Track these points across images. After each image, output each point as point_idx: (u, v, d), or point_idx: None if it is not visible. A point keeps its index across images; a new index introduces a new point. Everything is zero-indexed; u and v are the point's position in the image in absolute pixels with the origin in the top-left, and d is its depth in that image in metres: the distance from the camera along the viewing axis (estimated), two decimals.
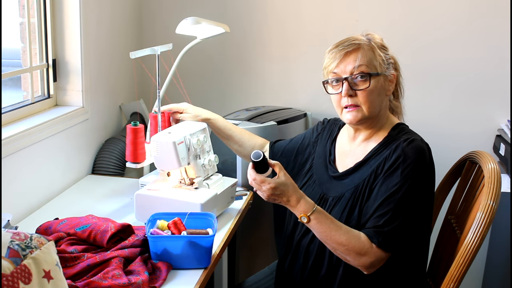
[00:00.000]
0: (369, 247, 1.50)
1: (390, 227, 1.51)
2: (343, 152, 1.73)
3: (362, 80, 1.59)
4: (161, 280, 1.47)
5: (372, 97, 1.60)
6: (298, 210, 1.54)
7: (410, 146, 1.55)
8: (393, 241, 1.51)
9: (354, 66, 1.58)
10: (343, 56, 1.60)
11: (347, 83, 1.59)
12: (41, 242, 1.07)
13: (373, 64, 1.60)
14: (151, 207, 1.75)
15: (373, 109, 1.61)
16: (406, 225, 1.52)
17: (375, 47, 1.62)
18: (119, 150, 2.37)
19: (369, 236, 1.51)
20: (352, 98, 1.60)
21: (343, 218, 1.58)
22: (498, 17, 2.48)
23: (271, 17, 2.67)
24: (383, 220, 1.51)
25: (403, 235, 1.52)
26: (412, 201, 1.53)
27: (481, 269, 2.48)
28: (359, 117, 1.61)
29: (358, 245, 1.50)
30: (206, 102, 2.76)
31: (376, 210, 1.53)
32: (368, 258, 1.51)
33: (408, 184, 1.52)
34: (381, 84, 1.62)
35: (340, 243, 1.51)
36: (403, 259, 1.59)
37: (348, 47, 1.60)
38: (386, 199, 1.53)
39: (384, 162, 1.57)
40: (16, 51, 2.12)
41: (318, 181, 1.73)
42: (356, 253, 1.50)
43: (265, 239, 2.44)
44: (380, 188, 1.55)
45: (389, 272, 1.58)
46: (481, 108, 2.57)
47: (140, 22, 2.77)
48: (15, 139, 1.83)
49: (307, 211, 1.53)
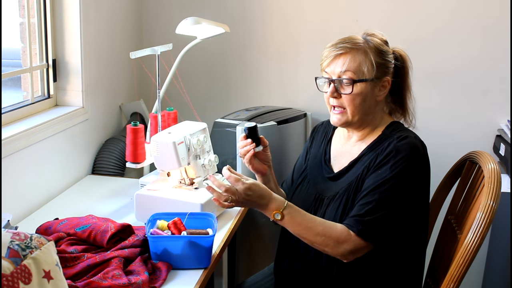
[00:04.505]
0: (347, 234, 1.51)
1: (372, 217, 1.51)
2: (338, 152, 1.73)
3: (347, 85, 1.59)
4: (161, 280, 1.47)
5: (356, 102, 1.60)
6: (270, 208, 1.54)
7: (403, 142, 1.56)
8: (373, 230, 1.51)
9: (341, 70, 1.59)
10: (334, 58, 1.60)
11: (333, 85, 1.60)
12: (41, 242, 1.07)
13: (361, 70, 1.58)
14: (151, 207, 1.75)
15: (357, 113, 1.61)
16: (390, 218, 1.52)
17: (368, 51, 1.59)
18: (119, 150, 2.37)
19: (349, 225, 1.52)
20: (337, 100, 1.62)
21: (337, 215, 1.58)
22: (498, 17, 2.47)
23: (271, 17, 2.67)
24: (366, 210, 1.52)
25: (386, 227, 1.52)
26: (400, 196, 1.53)
27: (481, 269, 2.48)
28: (343, 120, 1.63)
29: (335, 233, 1.51)
30: (206, 102, 2.76)
31: (360, 199, 1.54)
32: (346, 246, 1.51)
33: (397, 178, 1.52)
34: (368, 90, 1.60)
35: (317, 233, 1.51)
36: (398, 257, 1.59)
37: (339, 50, 1.60)
38: (372, 190, 1.53)
39: (376, 157, 1.58)
40: (16, 51, 2.12)
41: (312, 182, 1.73)
42: (334, 241, 1.51)
43: (265, 239, 2.44)
44: (369, 180, 1.56)
45: (386, 270, 1.58)
46: (481, 108, 2.57)
47: (140, 22, 2.77)
48: (15, 139, 1.83)
49: (279, 207, 1.54)
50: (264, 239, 2.45)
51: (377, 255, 1.55)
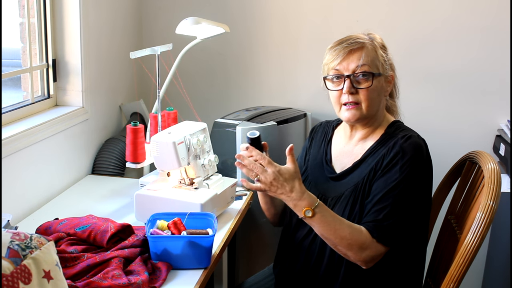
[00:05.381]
0: (371, 241, 1.51)
1: (390, 221, 1.51)
2: (340, 152, 1.73)
3: (364, 78, 1.60)
4: (161, 280, 1.47)
5: (372, 96, 1.61)
6: (301, 204, 1.52)
7: (408, 142, 1.56)
8: (392, 235, 1.51)
9: (358, 65, 1.59)
10: (347, 54, 1.61)
11: (349, 81, 1.60)
12: (41, 242, 1.07)
13: (375, 64, 1.61)
14: (151, 207, 1.75)
15: (372, 108, 1.62)
16: (405, 220, 1.53)
17: (377, 47, 1.63)
18: (119, 150, 2.37)
19: (369, 231, 1.51)
20: (353, 96, 1.61)
21: (344, 216, 1.58)
22: (498, 17, 2.47)
23: (271, 17, 2.67)
24: (383, 214, 1.52)
25: (402, 229, 1.53)
26: (411, 196, 1.54)
27: (481, 269, 2.48)
28: (358, 115, 1.62)
29: (360, 239, 1.50)
30: (206, 102, 2.76)
31: (375, 204, 1.54)
32: (369, 252, 1.51)
33: (407, 179, 1.53)
34: (381, 84, 1.63)
35: (344, 237, 1.50)
36: (402, 256, 1.59)
37: (353, 45, 1.61)
38: (386, 194, 1.53)
39: (383, 159, 1.58)
40: (16, 51, 2.12)
41: (314, 182, 1.73)
42: (358, 247, 1.50)
43: (265, 239, 2.44)
44: (379, 184, 1.55)
45: (388, 269, 1.58)
46: (481, 108, 2.57)
47: (140, 22, 2.77)
48: (15, 139, 1.83)
49: (311, 205, 1.52)
50: (264, 239, 2.44)
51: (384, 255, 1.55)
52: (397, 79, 1.72)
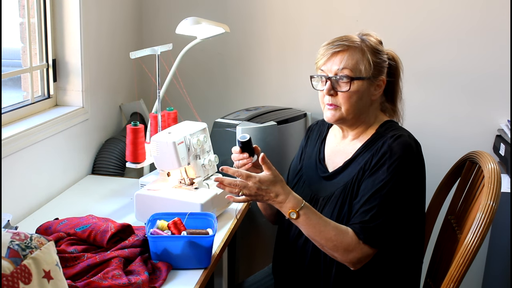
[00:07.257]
0: (356, 243, 1.50)
1: (376, 222, 1.50)
2: (333, 151, 1.73)
3: (344, 82, 1.59)
4: (161, 280, 1.47)
5: (352, 100, 1.59)
6: (286, 206, 1.52)
7: (397, 141, 1.55)
8: (379, 236, 1.51)
9: (339, 68, 1.59)
10: (331, 55, 1.60)
11: (329, 83, 1.60)
12: (41, 242, 1.07)
13: (358, 68, 1.59)
14: (151, 207, 1.75)
15: (352, 111, 1.61)
16: (393, 221, 1.52)
17: (365, 50, 1.60)
18: (119, 150, 2.37)
19: (356, 232, 1.51)
20: (332, 98, 1.61)
21: (333, 217, 1.58)
22: (498, 18, 2.48)
23: (271, 17, 2.67)
24: (370, 215, 1.51)
25: (390, 230, 1.52)
26: (399, 197, 1.53)
27: (481, 269, 2.48)
28: (337, 116, 1.62)
29: (346, 240, 1.50)
30: (206, 102, 2.77)
31: (362, 205, 1.53)
32: (355, 254, 1.50)
33: (395, 179, 1.52)
34: (364, 88, 1.60)
35: (329, 239, 1.50)
36: (395, 257, 1.59)
37: (337, 47, 1.60)
38: (373, 195, 1.52)
39: (372, 159, 1.57)
40: (16, 51, 2.12)
41: (308, 182, 1.72)
42: (344, 249, 1.50)
43: (265, 239, 2.44)
44: (367, 184, 1.55)
45: (381, 270, 1.58)
46: (481, 108, 2.57)
47: (140, 22, 2.77)
48: (15, 139, 1.83)
49: (296, 207, 1.52)
50: (264, 239, 2.44)
51: (375, 255, 1.55)
52: (402, 82, 1.71)
